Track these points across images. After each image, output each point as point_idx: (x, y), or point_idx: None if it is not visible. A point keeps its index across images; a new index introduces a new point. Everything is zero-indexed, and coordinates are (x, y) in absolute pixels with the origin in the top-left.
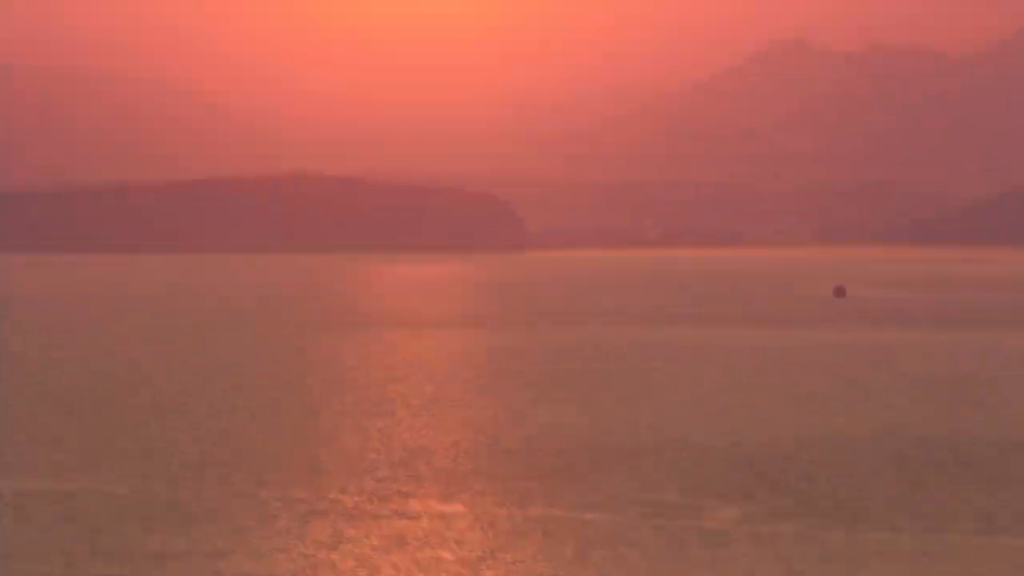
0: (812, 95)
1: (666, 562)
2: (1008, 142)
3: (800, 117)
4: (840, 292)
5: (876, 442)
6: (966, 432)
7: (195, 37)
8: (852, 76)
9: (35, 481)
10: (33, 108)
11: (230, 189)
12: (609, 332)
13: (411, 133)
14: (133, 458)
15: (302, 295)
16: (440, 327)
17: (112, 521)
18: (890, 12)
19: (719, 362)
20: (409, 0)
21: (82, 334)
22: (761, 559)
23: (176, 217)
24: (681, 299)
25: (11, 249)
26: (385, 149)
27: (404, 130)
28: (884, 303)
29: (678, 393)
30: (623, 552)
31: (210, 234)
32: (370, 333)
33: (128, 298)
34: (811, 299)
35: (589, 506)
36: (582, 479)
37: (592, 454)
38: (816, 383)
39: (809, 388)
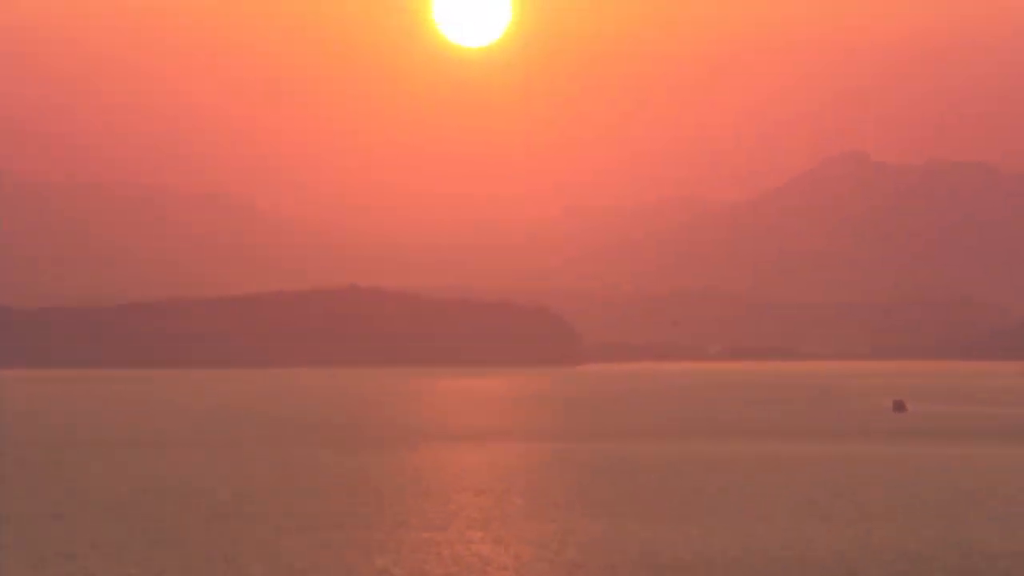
0: (871, 208)
1: None
2: None
3: (858, 230)
4: (900, 407)
5: (936, 556)
6: None
7: (246, 150)
8: (910, 189)
9: None
10: (84, 224)
11: (283, 303)
12: (663, 445)
13: (466, 247)
14: (180, 568)
15: (358, 409)
16: (495, 440)
17: None
18: (947, 128)
19: (776, 475)
20: (462, 115)
21: (134, 447)
22: None
23: (229, 332)
24: (741, 412)
25: (67, 364)
26: (439, 263)
27: (459, 244)
28: (944, 418)
29: (735, 506)
30: None
31: (264, 348)
32: (425, 447)
33: (180, 412)
34: (869, 413)
35: None
36: None
37: (650, 569)
38: (874, 496)
39: (866, 501)
